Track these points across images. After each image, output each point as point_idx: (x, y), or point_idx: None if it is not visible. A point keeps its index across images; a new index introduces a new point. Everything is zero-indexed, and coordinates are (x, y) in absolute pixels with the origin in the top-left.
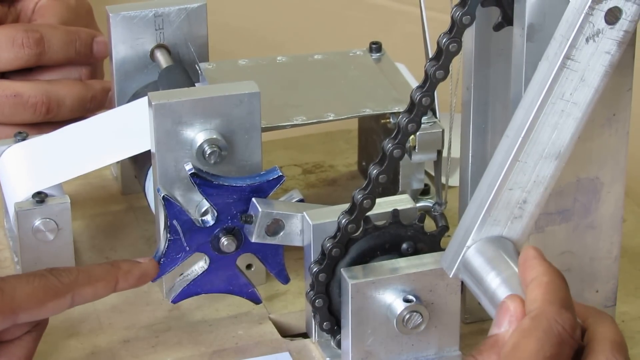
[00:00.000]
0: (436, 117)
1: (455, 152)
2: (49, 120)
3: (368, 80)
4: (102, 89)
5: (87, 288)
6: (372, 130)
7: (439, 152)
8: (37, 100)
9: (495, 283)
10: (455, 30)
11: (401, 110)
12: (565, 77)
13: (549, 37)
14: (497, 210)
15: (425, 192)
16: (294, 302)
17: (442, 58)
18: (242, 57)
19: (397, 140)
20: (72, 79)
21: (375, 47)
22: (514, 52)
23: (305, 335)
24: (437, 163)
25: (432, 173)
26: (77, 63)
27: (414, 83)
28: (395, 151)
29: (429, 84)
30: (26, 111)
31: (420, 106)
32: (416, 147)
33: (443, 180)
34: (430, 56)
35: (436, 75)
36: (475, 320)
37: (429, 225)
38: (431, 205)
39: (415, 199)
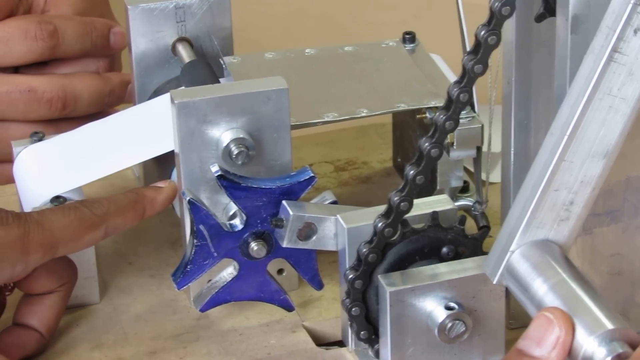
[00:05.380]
0: (475, 112)
1: (495, 147)
2: (65, 116)
3: (402, 72)
4: (121, 82)
5: (118, 218)
6: (407, 125)
7: (479, 148)
8: (53, 96)
9: (543, 290)
10: (494, 22)
11: (438, 104)
12: (612, 71)
13: (595, 28)
14: (543, 212)
15: (464, 189)
16: (328, 308)
17: (480, 51)
18: (267, 46)
19: (434, 139)
20: (89, 73)
21: (409, 37)
22: (557, 44)
23: (341, 343)
24: (477, 159)
25: (471, 169)
26: (94, 55)
27: (451, 75)
28: (432, 150)
29: (467, 79)
30: (41, 107)
31: (459, 103)
32: (454, 144)
33: (483, 177)
34: (467, 46)
35: (474, 69)
36: (520, 325)
37: (469, 225)
38: (471, 204)
39: (454, 197)
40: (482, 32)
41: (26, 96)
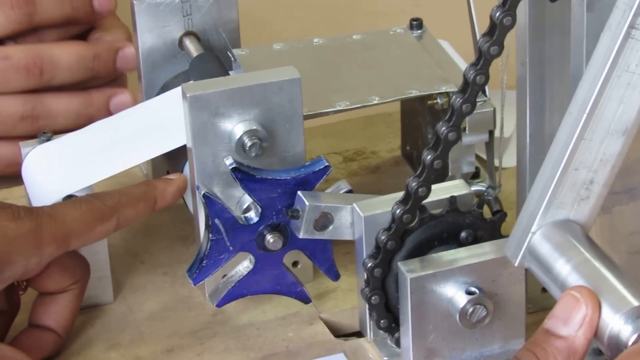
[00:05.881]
0: (486, 96)
1: (507, 131)
2: (47, 83)
3: (411, 59)
4: (108, 48)
5: (130, 209)
6: (416, 112)
7: (491, 132)
8: (29, 62)
9: (566, 270)
10: (510, 3)
11: (449, 89)
12: (630, 47)
13: (611, 5)
14: (563, 192)
15: (475, 175)
16: (344, 299)
17: (496, 33)
18: (265, 38)
19: (451, 123)
20: (71, 39)
21: (416, 23)
22: (573, 23)
23: (359, 334)
24: (489, 144)
25: (481, 154)
26: (80, 22)
27: (460, 60)
28: (450, 134)
29: (483, 60)
30: (19, 74)
31: (475, 85)
32: (467, 129)
33: (496, 162)
34: (476, 31)
35: (490, 51)
36: (538, 309)
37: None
38: (484, 189)
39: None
40: (497, 14)
41: (2, 64)
